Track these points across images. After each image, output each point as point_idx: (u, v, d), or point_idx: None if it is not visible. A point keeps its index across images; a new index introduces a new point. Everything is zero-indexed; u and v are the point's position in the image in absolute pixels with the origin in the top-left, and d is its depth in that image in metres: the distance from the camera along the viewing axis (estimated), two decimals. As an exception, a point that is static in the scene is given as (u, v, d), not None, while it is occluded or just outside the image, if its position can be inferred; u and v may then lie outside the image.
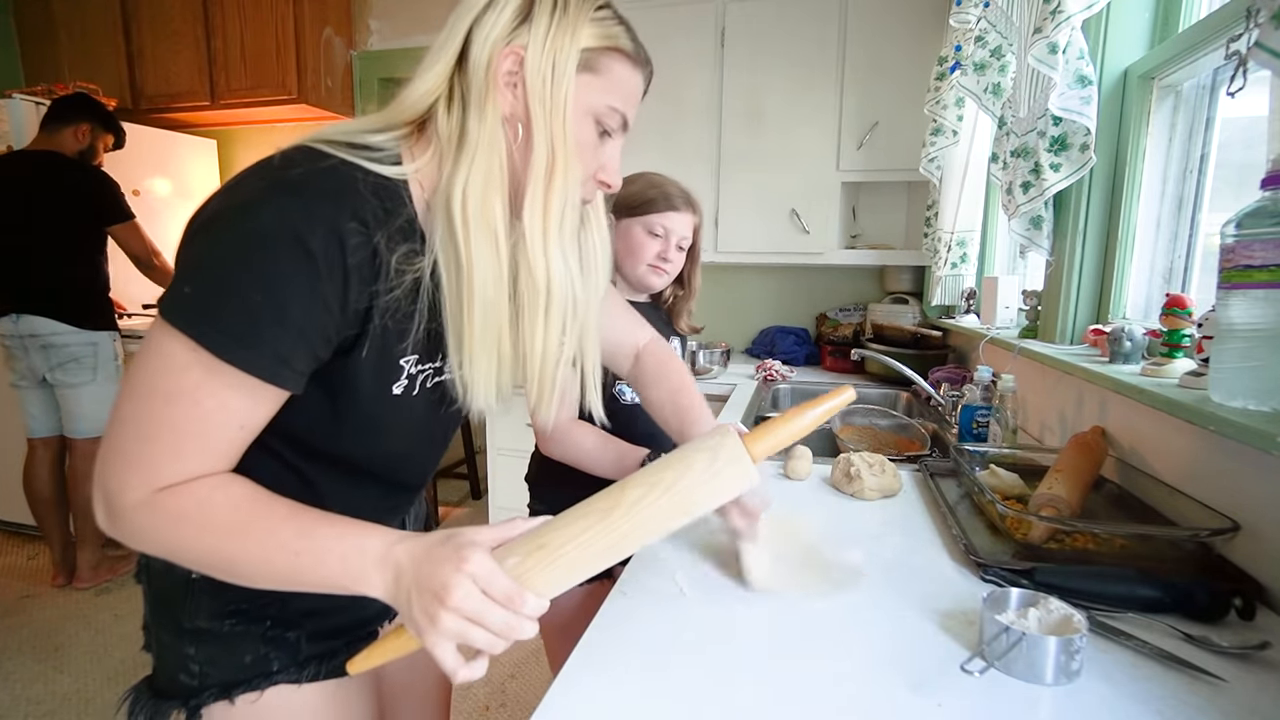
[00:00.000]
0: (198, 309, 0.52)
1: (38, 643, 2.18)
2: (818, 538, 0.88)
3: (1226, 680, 0.58)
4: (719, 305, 2.94)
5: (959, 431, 1.43)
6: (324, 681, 0.69)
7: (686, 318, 1.32)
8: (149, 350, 0.53)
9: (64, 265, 2.31)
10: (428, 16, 3.03)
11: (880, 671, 0.59)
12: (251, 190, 0.54)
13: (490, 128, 0.59)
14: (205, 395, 0.53)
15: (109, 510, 0.54)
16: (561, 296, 0.64)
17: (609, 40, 0.62)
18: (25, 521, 2.81)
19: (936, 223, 2.06)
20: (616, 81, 0.63)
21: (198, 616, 0.65)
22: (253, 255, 0.52)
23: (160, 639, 0.68)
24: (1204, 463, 0.83)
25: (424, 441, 0.75)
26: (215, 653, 0.66)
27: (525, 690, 1.98)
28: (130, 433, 0.53)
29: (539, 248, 0.61)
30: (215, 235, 0.53)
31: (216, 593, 0.64)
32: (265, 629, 0.66)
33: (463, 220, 0.58)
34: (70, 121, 2.35)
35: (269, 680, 0.66)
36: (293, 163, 0.55)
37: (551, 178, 0.60)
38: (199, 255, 0.53)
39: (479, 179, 0.58)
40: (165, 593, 0.67)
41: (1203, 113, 1.16)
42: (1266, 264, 0.67)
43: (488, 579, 0.51)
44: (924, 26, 2.20)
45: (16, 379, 2.40)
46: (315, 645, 0.69)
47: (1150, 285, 1.26)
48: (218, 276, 0.52)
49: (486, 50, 0.58)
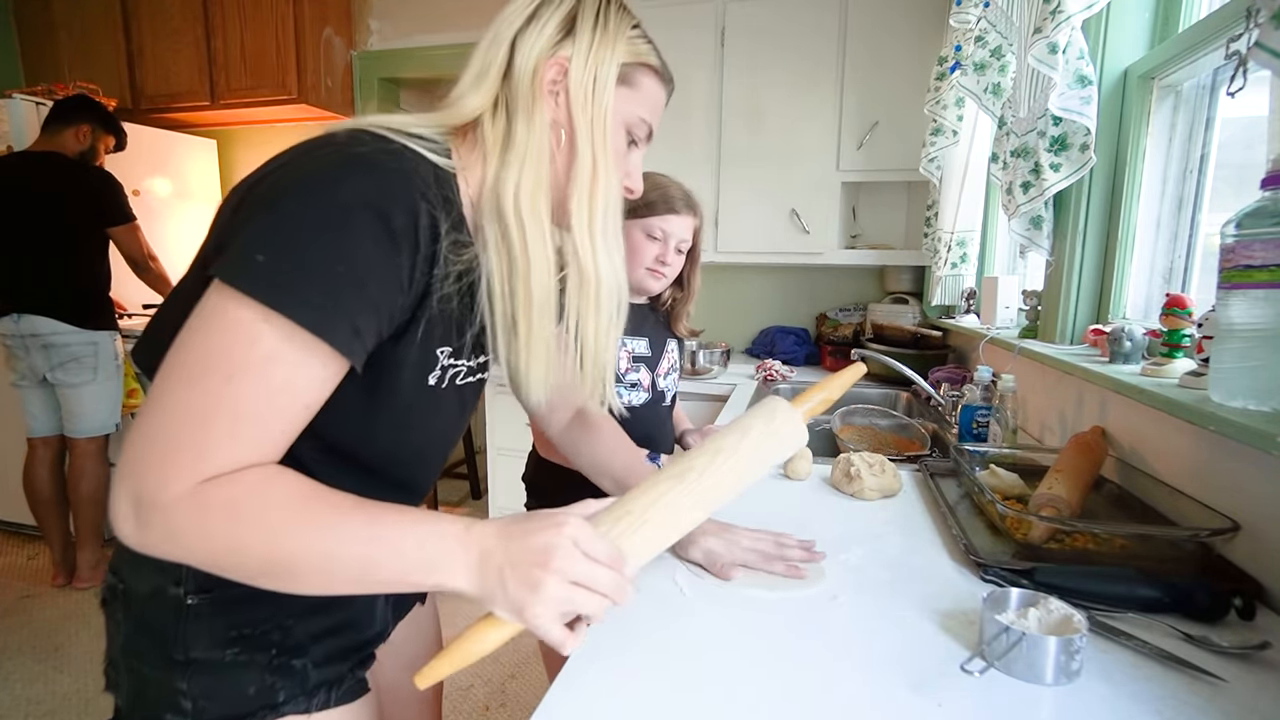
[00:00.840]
0: (274, 276, 0.48)
1: (38, 643, 2.18)
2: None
3: (1226, 680, 0.58)
4: (719, 305, 2.94)
5: (959, 431, 1.43)
6: (333, 709, 0.64)
7: (685, 320, 1.31)
8: (208, 324, 0.49)
9: (65, 265, 2.31)
10: (428, 16, 3.03)
11: (880, 671, 0.59)
12: (323, 163, 0.53)
13: (539, 133, 0.62)
14: (275, 368, 0.49)
15: (140, 510, 0.47)
16: (609, 289, 0.66)
17: (641, 57, 0.67)
18: (25, 521, 2.82)
19: (936, 223, 2.06)
20: (646, 95, 0.68)
21: (193, 646, 0.59)
22: (334, 226, 0.50)
23: (138, 674, 0.61)
24: (1204, 463, 0.83)
25: (441, 438, 0.74)
26: (213, 685, 0.59)
27: (525, 690, 1.98)
28: (176, 419, 0.48)
29: (587, 245, 0.64)
30: (289, 206, 0.51)
31: (216, 616, 0.59)
32: (270, 657, 0.61)
33: (516, 219, 0.61)
34: (71, 122, 2.36)
35: (275, 712, 0.61)
36: (360, 141, 0.55)
37: (595, 181, 0.64)
38: (271, 224, 0.51)
39: (529, 181, 0.61)
40: (150, 620, 0.60)
41: (1203, 113, 1.16)
42: (1266, 264, 0.67)
43: (589, 542, 0.52)
44: (924, 26, 2.20)
45: (17, 379, 2.40)
46: (322, 671, 0.64)
47: (1150, 285, 1.26)
48: (296, 246, 0.50)
49: (532, 61, 0.62)
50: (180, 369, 0.49)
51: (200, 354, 0.49)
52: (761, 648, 0.63)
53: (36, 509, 2.50)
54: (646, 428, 1.21)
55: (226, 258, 0.50)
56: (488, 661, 2.11)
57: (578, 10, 0.64)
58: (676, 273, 1.22)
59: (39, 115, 2.63)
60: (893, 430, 1.54)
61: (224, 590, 0.57)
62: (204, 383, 0.48)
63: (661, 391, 1.24)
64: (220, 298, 0.49)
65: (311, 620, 0.62)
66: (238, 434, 0.49)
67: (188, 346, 0.49)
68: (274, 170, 0.55)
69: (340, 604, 0.65)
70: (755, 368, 2.36)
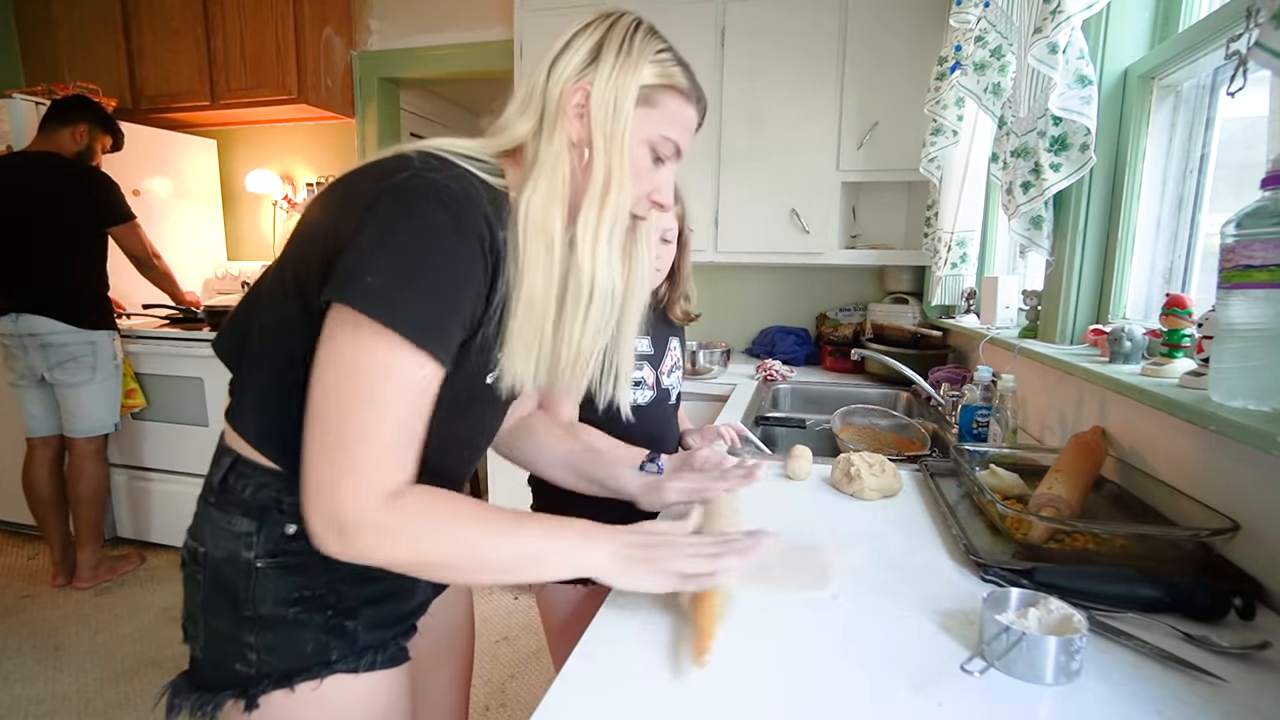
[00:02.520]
0: (392, 301, 0.56)
1: (38, 643, 2.18)
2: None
3: (1226, 680, 0.58)
4: (719, 305, 2.94)
5: (959, 431, 1.43)
6: (379, 671, 0.71)
7: (682, 304, 1.29)
8: (345, 358, 0.57)
9: (63, 265, 2.31)
10: (428, 16, 3.03)
11: (880, 671, 0.59)
12: (411, 189, 0.59)
13: (556, 150, 0.68)
14: (404, 389, 0.58)
15: (343, 527, 0.57)
16: (602, 297, 0.71)
17: (666, 79, 0.72)
18: (25, 521, 2.81)
19: (936, 223, 2.06)
20: (671, 115, 0.73)
21: (261, 604, 0.66)
22: (435, 248, 0.58)
23: (212, 628, 0.68)
24: (1204, 463, 0.83)
25: (489, 432, 0.84)
26: (276, 640, 0.67)
27: (525, 690, 1.98)
28: (345, 443, 0.57)
29: (588, 253, 0.69)
30: (389, 230, 0.58)
31: (281, 578, 0.67)
32: (327, 618, 0.68)
33: (524, 227, 0.66)
34: (69, 122, 2.36)
35: (329, 669, 0.67)
36: (431, 167, 0.62)
37: (606, 195, 0.69)
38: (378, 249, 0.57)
39: (543, 192, 0.67)
40: (226, 580, 0.67)
41: (1203, 113, 1.16)
42: (1266, 264, 0.67)
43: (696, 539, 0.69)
44: (924, 26, 2.19)
45: (16, 378, 2.40)
46: (371, 635, 0.71)
47: (1150, 285, 1.26)
48: (404, 269, 0.57)
49: (560, 85, 0.69)
50: (331, 400, 0.58)
51: (348, 385, 0.57)
52: (761, 647, 0.63)
53: (36, 509, 2.50)
54: (651, 426, 1.21)
55: (343, 280, 0.57)
56: (488, 661, 2.11)
57: (606, 38, 0.70)
58: (669, 264, 1.21)
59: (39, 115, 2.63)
60: (893, 430, 1.54)
61: (288, 556, 0.67)
62: (356, 410, 0.57)
63: (666, 389, 1.23)
64: (349, 328, 0.57)
65: (362, 586, 0.69)
66: (397, 452, 0.59)
67: (334, 377, 0.58)
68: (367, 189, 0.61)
69: (387, 573, 0.69)
70: (755, 368, 2.36)
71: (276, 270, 0.68)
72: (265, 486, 0.67)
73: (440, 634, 0.92)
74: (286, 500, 0.66)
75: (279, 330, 0.66)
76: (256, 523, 0.67)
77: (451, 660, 0.96)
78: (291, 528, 0.66)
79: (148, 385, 2.71)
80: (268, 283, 0.68)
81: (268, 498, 0.67)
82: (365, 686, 0.70)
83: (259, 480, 0.67)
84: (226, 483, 0.69)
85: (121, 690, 1.95)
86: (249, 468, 0.68)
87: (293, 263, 0.65)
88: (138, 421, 2.74)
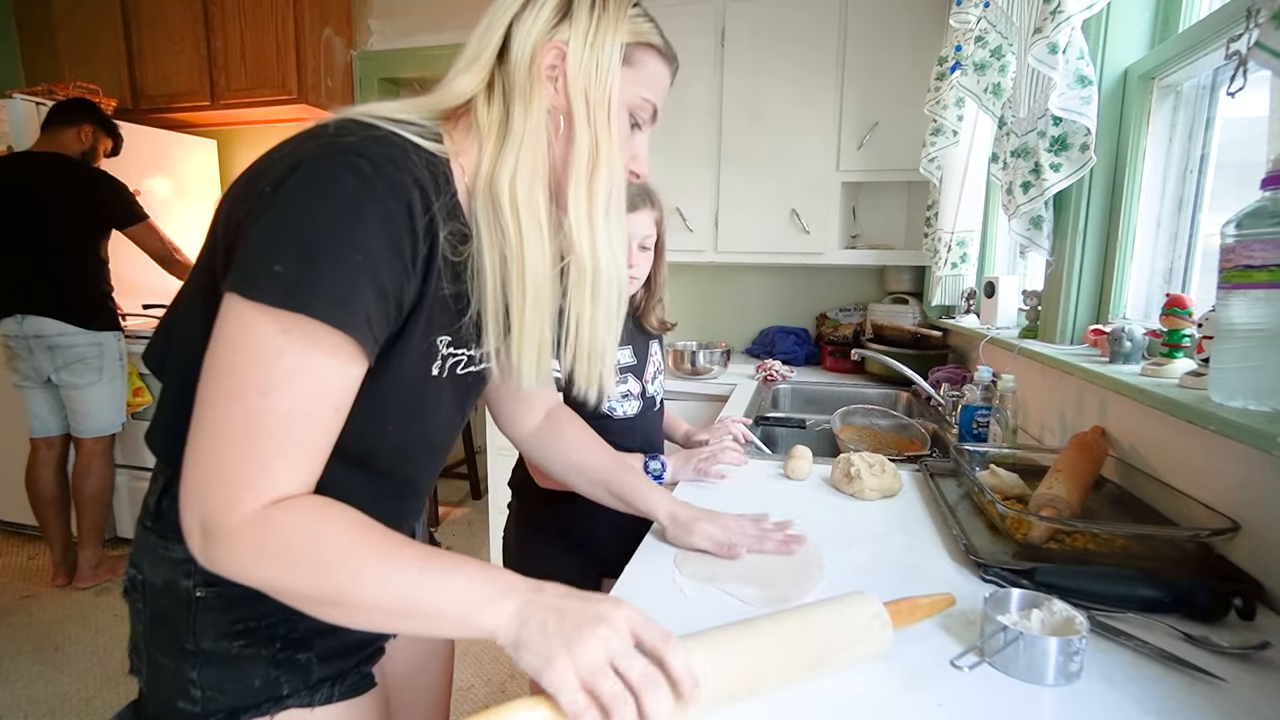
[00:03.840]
0: (292, 282, 0.49)
1: (38, 643, 2.18)
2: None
3: (1226, 680, 0.58)
4: (719, 305, 2.94)
5: (959, 431, 1.43)
6: (336, 704, 0.65)
7: (658, 311, 1.25)
8: (232, 342, 0.50)
9: (69, 266, 2.31)
10: (428, 16, 3.03)
11: (880, 671, 0.59)
12: (315, 157, 0.52)
13: (536, 120, 0.61)
14: (303, 376, 0.50)
15: (208, 531, 0.49)
16: (608, 279, 0.65)
17: (642, 36, 0.65)
18: (25, 521, 2.82)
19: (936, 223, 2.06)
20: (649, 75, 0.67)
21: (203, 637, 0.60)
22: (341, 219, 0.50)
23: (155, 662, 0.63)
24: (1204, 463, 0.83)
25: (444, 431, 0.73)
26: (221, 677, 0.61)
27: (525, 690, 1.98)
28: (226, 440, 0.49)
29: (585, 235, 0.63)
30: (289, 206, 0.50)
31: (224, 610, 0.60)
32: (275, 650, 0.62)
33: (512, 209, 0.60)
34: (74, 122, 2.36)
35: (279, 705, 0.62)
36: (348, 131, 0.55)
37: (596, 168, 0.62)
38: (274, 228, 0.50)
39: (526, 169, 0.60)
40: (164, 610, 0.62)
41: (1203, 113, 1.16)
42: (1266, 264, 0.67)
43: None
44: (924, 26, 2.20)
45: (20, 379, 2.40)
46: (326, 667, 0.65)
47: (1150, 285, 1.26)
48: (307, 245, 0.50)
49: (529, 45, 0.60)
50: (217, 390, 0.50)
51: (232, 372, 0.49)
52: (761, 648, 0.63)
53: (39, 509, 2.50)
54: (643, 436, 1.21)
55: (238, 269, 0.50)
56: (488, 661, 2.11)
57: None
58: (645, 272, 1.17)
59: (39, 115, 2.63)
60: (893, 430, 1.54)
61: (231, 586, 0.56)
62: (242, 401, 0.49)
63: (652, 398, 1.22)
64: (239, 311, 0.50)
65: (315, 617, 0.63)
66: (286, 449, 0.50)
67: (219, 366, 0.50)
68: (269, 168, 0.54)
69: None
70: (755, 368, 2.36)
71: (199, 269, 0.60)
72: None
73: (415, 655, 0.84)
74: None
75: (186, 339, 0.58)
76: None
77: (428, 683, 0.88)
78: None
79: (149, 385, 2.71)
80: (193, 285, 0.60)
81: None
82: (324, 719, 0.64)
83: None
84: (161, 506, 0.62)
85: (121, 690, 1.95)
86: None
87: (204, 260, 0.58)
88: (139, 421, 2.74)
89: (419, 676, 0.86)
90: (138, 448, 2.78)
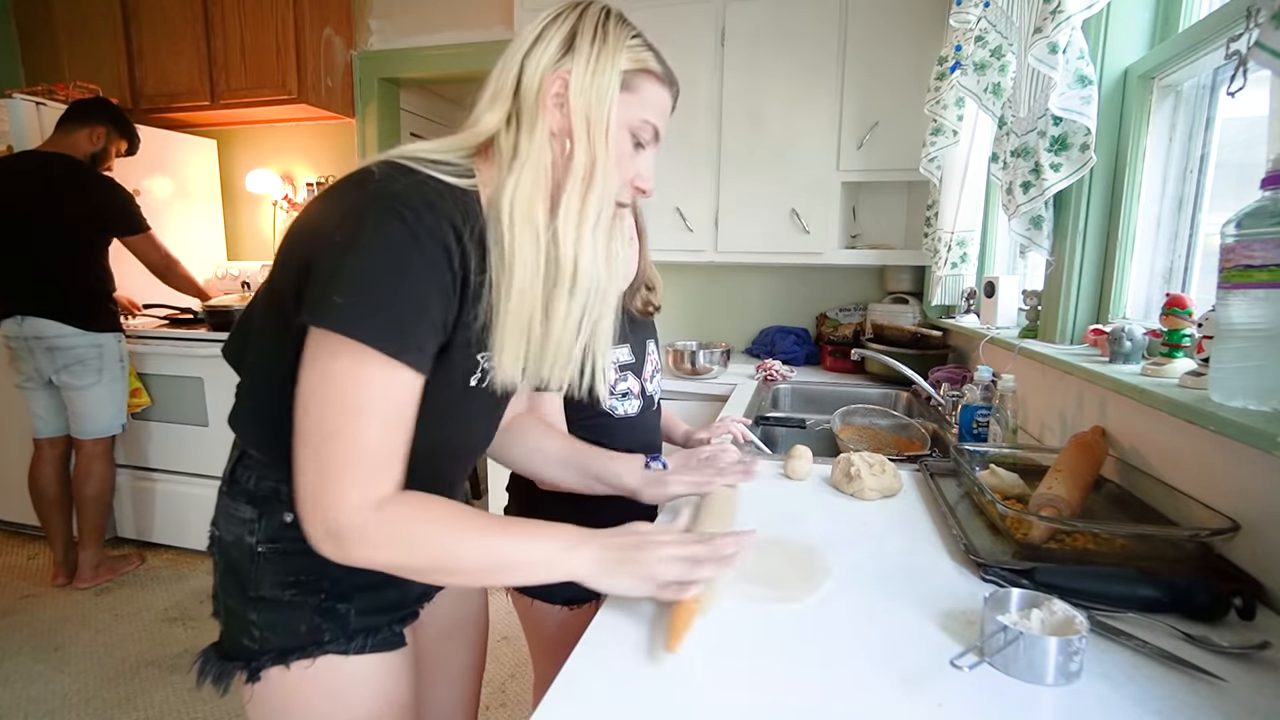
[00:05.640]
0: (357, 314, 0.58)
1: (38, 643, 2.18)
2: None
3: (1226, 680, 0.58)
4: (719, 305, 2.94)
5: (959, 431, 1.43)
6: (370, 655, 0.74)
7: (643, 294, 1.24)
8: (324, 373, 0.59)
9: (68, 267, 2.31)
10: (428, 16, 3.03)
11: (880, 672, 0.59)
12: (365, 202, 0.61)
13: (539, 142, 0.68)
14: (384, 397, 0.60)
15: (338, 535, 0.60)
16: (586, 284, 0.71)
17: (641, 64, 0.72)
18: (25, 521, 2.82)
19: (936, 223, 2.06)
20: (649, 98, 0.73)
21: (262, 585, 0.71)
22: (390, 258, 0.59)
23: (228, 605, 0.74)
24: (1204, 463, 0.83)
25: (479, 437, 0.84)
26: (275, 620, 0.71)
27: (525, 690, 1.98)
28: (330, 457, 0.59)
29: (570, 240, 0.69)
30: (344, 249, 0.59)
31: (279, 563, 0.71)
32: (320, 600, 0.72)
33: (509, 221, 0.67)
34: (87, 123, 2.35)
35: (321, 649, 0.71)
36: (392, 178, 0.62)
37: (590, 182, 0.69)
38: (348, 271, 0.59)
39: (527, 185, 0.67)
40: (234, 562, 0.72)
41: (1203, 113, 1.16)
42: (1266, 264, 0.67)
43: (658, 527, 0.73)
44: (924, 26, 2.20)
45: (22, 380, 2.41)
46: (363, 619, 0.74)
47: (1150, 285, 1.26)
48: (363, 282, 0.59)
49: (537, 76, 0.69)
50: (319, 415, 0.60)
51: (327, 401, 0.60)
52: (761, 647, 0.63)
53: (41, 509, 2.50)
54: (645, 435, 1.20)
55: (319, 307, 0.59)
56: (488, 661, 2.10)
57: (578, 26, 0.70)
58: (635, 262, 1.19)
59: (39, 115, 2.63)
60: (893, 430, 1.54)
61: (286, 543, 0.71)
62: (340, 421, 0.59)
63: (650, 396, 1.22)
64: (324, 345, 0.59)
65: (355, 574, 0.69)
66: (381, 460, 0.61)
67: (314, 393, 0.60)
68: (329, 213, 0.63)
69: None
70: (755, 367, 2.36)
71: (267, 286, 0.71)
72: (266, 477, 0.72)
73: (449, 624, 0.94)
74: (285, 490, 0.69)
75: (266, 343, 0.70)
76: (259, 510, 0.71)
77: (460, 652, 0.98)
78: (289, 516, 0.70)
79: (148, 385, 2.71)
80: (261, 296, 0.72)
81: (268, 487, 0.71)
82: (357, 667, 0.73)
83: (260, 471, 0.72)
84: (235, 473, 0.74)
85: (121, 690, 1.95)
86: (252, 460, 0.73)
87: (277, 280, 0.68)
88: (138, 421, 2.74)
89: (452, 644, 0.96)
90: (139, 448, 2.78)
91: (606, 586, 0.67)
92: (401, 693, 0.77)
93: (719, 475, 0.93)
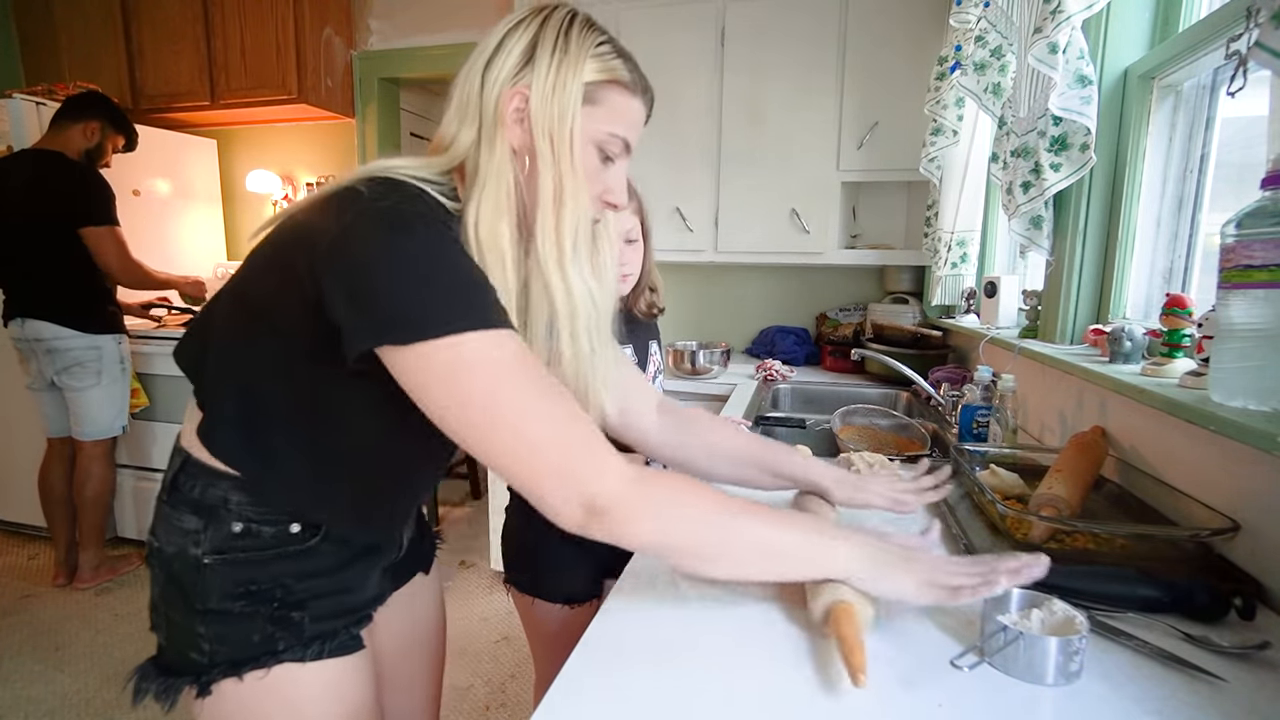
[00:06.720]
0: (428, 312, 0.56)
1: (38, 643, 2.18)
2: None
3: (1226, 680, 0.58)
4: (719, 305, 2.94)
5: (959, 431, 1.43)
6: (326, 660, 0.71)
7: (647, 296, 1.24)
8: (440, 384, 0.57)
9: (63, 268, 2.29)
10: (428, 16, 3.03)
11: (879, 672, 0.59)
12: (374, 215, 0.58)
13: (499, 160, 0.66)
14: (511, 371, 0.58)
15: (596, 508, 0.58)
16: (585, 312, 0.70)
17: (608, 74, 0.68)
18: (26, 521, 2.82)
19: (936, 223, 2.06)
20: (616, 110, 0.69)
21: (209, 598, 0.67)
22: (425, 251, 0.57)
23: (170, 619, 0.71)
24: (1204, 462, 0.83)
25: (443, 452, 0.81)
26: (225, 632, 0.68)
27: (525, 690, 1.98)
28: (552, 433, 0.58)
29: (555, 270, 0.68)
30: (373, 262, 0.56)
31: (227, 575, 0.68)
32: (272, 610, 0.69)
33: (476, 245, 0.65)
34: (81, 119, 2.33)
35: (275, 659, 0.68)
36: (382, 195, 0.60)
37: (561, 204, 0.67)
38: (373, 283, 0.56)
39: (489, 207, 0.65)
40: (177, 575, 0.69)
41: (1203, 113, 1.16)
42: (1266, 264, 0.67)
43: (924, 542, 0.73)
44: (924, 26, 2.20)
45: (30, 381, 2.43)
46: (318, 625, 0.71)
47: (1150, 285, 1.26)
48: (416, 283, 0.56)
49: (495, 91, 0.66)
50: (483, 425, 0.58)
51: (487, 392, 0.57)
52: (761, 647, 0.63)
53: (47, 507, 2.52)
54: None
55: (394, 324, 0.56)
56: (487, 661, 2.11)
57: (540, 35, 0.66)
58: (638, 264, 1.19)
59: (39, 115, 2.63)
60: (893, 430, 1.54)
61: (234, 553, 0.68)
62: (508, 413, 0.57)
63: None
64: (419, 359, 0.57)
65: (309, 582, 0.70)
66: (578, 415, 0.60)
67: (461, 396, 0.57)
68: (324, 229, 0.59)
69: (336, 570, 0.73)
70: (755, 367, 2.36)
71: (231, 299, 0.68)
72: (213, 486, 0.68)
73: (406, 624, 0.92)
74: (234, 499, 0.67)
75: (240, 354, 0.66)
76: (204, 521, 0.68)
77: (419, 652, 0.96)
78: (238, 526, 0.67)
79: (146, 385, 2.71)
80: (223, 310, 0.68)
81: (215, 497, 0.68)
82: (315, 674, 0.71)
83: (206, 480, 0.68)
84: (177, 481, 0.70)
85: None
86: (197, 468, 0.69)
87: (256, 297, 0.65)
88: (138, 421, 2.74)
89: (411, 644, 0.93)
90: (140, 448, 2.78)
91: (883, 589, 0.62)
92: (362, 696, 0.75)
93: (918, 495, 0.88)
